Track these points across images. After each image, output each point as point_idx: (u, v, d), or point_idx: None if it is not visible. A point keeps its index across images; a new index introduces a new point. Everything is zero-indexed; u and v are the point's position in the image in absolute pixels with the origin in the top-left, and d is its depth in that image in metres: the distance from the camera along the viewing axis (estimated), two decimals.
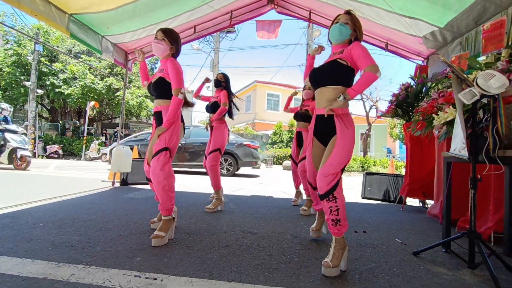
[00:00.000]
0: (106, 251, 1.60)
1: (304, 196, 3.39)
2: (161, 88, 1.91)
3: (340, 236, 1.50)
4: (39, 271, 1.31)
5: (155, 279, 1.29)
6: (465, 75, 1.61)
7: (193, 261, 1.52)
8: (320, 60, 1.88)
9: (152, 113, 2.07)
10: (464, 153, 1.55)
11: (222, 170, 7.06)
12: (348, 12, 1.63)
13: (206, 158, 2.96)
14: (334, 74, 1.55)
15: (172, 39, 1.95)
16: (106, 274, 1.32)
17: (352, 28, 1.60)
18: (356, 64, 1.52)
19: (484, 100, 1.72)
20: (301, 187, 3.41)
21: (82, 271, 1.33)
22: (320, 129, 1.63)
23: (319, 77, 1.61)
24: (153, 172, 1.82)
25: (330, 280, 1.36)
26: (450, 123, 2.24)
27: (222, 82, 3.02)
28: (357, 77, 1.58)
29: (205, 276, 1.34)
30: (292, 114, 3.43)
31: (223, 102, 2.92)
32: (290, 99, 3.49)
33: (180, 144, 7.31)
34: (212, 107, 3.00)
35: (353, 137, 1.53)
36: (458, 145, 1.60)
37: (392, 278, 1.42)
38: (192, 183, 5.15)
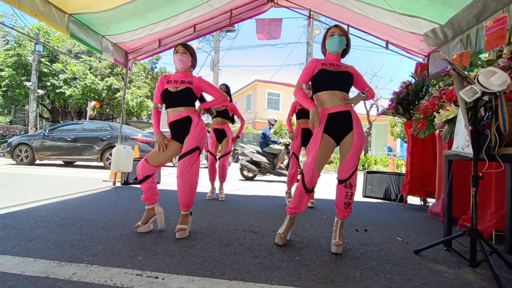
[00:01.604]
0: (108, 250, 1.61)
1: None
2: (189, 98, 2.03)
3: (345, 219, 1.84)
4: (41, 270, 1.31)
5: (157, 277, 1.30)
6: (466, 73, 1.61)
7: (194, 259, 1.52)
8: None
9: (173, 120, 2.00)
10: (469, 151, 1.55)
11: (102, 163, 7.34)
12: (337, 26, 1.90)
13: (215, 159, 3.47)
14: (349, 83, 1.85)
15: (192, 53, 2.11)
16: (107, 273, 1.32)
17: (345, 38, 1.86)
18: (357, 82, 1.91)
19: (485, 98, 1.71)
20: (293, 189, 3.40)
21: (84, 270, 1.33)
22: (335, 126, 1.78)
23: (336, 82, 1.80)
24: (187, 170, 1.92)
25: (331, 278, 1.36)
26: (451, 121, 2.23)
27: (227, 93, 3.47)
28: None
29: (207, 274, 1.35)
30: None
31: (241, 118, 3.62)
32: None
33: (69, 138, 7.48)
34: (223, 113, 3.45)
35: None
36: (461, 143, 1.59)
37: (393, 277, 1.42)
38: None
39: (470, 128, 1.62)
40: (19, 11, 2.65)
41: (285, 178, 5.19)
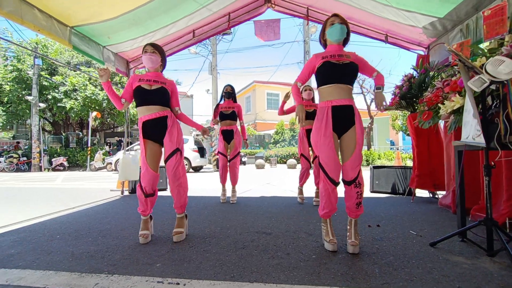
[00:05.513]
0: (126, 259, 1.62)
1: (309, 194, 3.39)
2: (164, 97, 2.03)
3: (358, 218, 1.79)
4: (64, 282, 1.33)
5: (178, 284, 1.31)
6: (473, 63, 1.61)
7: (212, 264, 1.53)
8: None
9: (149, 119, 1.97)
10: (480, 140, 1.54)
11: None
12: (336, 15, 1.81)
13: (228, 160, 3.49)
14: (354, 75, 1.79)
15: (161, 52, 2.08)
16: (129, 281, 1.33)
17: (346, 26, 1.79)
18: (363, 69, 1.86)
19: (492, 87, 1.71)
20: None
21: (106, 280, 1.35)
22: (338, 119, 1.72)
23: (339, 75, 1.73)
24: (173, 173, 1.96)
25: (351, 275, 1.37)
26: (457, 112, 2.23)
27: (233, 94, 3.56)
28: None
29: (227, 278, 1.36)
30: (289, 115, 3.58)
31: (241, 120, 3.64)
32: (284, 103, 3.39)
33: None
34: (231, 115, 3.49)
35: None
36: (472, 133, 1.59)
37: (412, 270, 1.42)
38: (199, 188, 5.16)
39: (480, 117, 1.62)
40: (16, 25, 2.68)
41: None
